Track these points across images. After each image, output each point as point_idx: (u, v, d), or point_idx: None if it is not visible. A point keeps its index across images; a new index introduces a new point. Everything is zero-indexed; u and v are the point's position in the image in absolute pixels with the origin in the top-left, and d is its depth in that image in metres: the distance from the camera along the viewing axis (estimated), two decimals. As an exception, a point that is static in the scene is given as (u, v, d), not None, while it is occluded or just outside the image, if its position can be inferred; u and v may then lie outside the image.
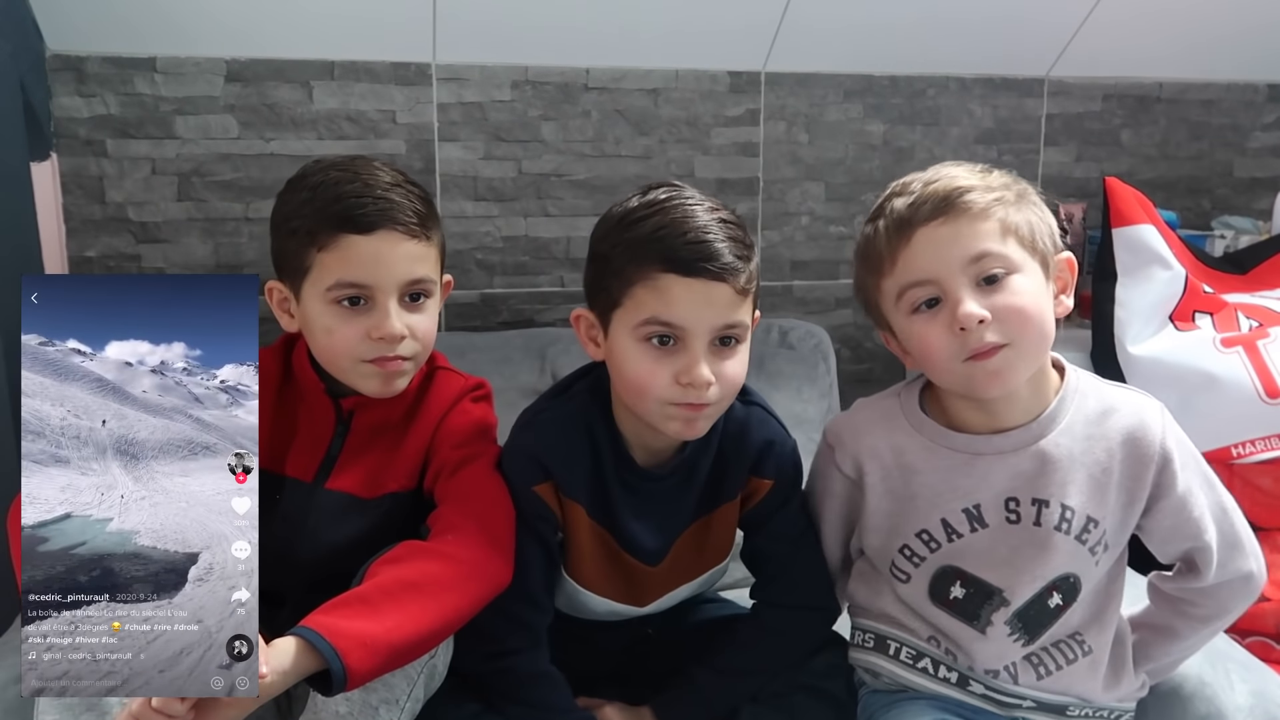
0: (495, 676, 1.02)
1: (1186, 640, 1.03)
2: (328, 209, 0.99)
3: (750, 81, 1.86)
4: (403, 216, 1.00)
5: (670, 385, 0.94)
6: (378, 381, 1.02)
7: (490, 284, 1.81)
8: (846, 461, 1.03)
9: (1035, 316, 0.92)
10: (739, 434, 1.06)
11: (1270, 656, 1.54)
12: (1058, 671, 0.99)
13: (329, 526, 1.04)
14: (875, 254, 0.96)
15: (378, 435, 1.07)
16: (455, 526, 0.97)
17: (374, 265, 0.99)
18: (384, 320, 0.99)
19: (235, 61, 1.64)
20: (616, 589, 1.08)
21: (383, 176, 1.02)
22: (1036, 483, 0.96)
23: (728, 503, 1.07)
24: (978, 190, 0.92)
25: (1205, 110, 2.13)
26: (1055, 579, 0.97)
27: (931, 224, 0.92)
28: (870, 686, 1.06)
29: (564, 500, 1.03)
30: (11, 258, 1.39)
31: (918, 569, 1.00)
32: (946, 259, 0.91)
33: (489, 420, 1.10)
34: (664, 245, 0.93)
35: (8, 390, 1.33)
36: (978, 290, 0.91)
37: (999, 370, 0.91)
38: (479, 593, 0.93)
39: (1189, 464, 0.98)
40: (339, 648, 0.82)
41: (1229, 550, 0.99)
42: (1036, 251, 0.94)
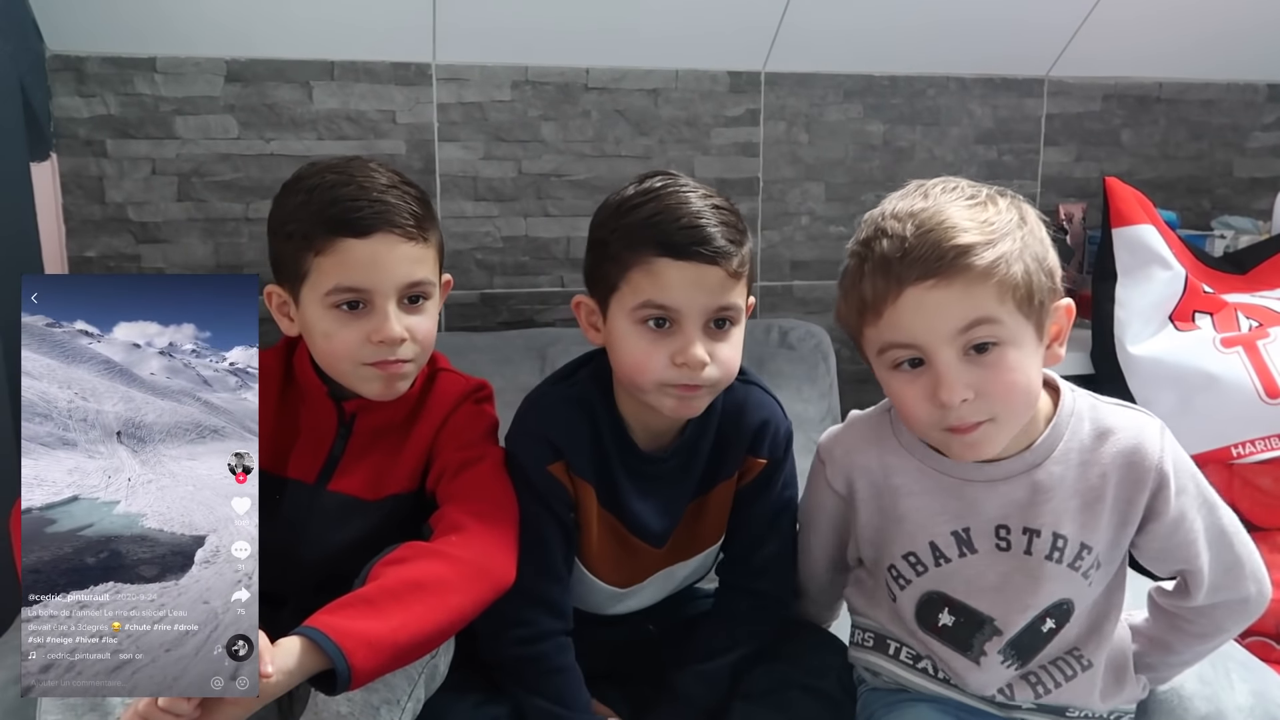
0: (526, 664, 1.02)
1: (1182, 655, 1.03)
2: (323, 213, 0.98)
3: (750, 82, 1.86)
4: (399, 219, 0.99)
5: (667, 366, 0.96)
6: (379, 384, 1.02)
7: (490, 284, 1.81)
8: (838, 478, 1.02)
9: (1022, 391, 0.87)
10: (737, 413, 1.07)
11: (1270, 656, 1.54)
12: (1056, 689, 0.98)
13: (331, 528, 1.04)
14: (859, 298, 0.89)
15: (380, 437, 1.06)
16: (459, 526, 0.96)
17: (371, 269, 0.98)
18: (383, 323, 0.99)
19: (235, 62, 1.64)
20: (620, 572, 1.10)
21: (379, 178, 1.01)
22: (1028, 512, 0.93)
23: (725, 481, 1.09)
24: (978, 245, 0.84)
25: (1205, 110, 2.13)
26: (1048, 606, 0.95)
27: (922, 285, 0.84)
28: (870, 685, 1.06)
29: (575, 480, 1.04)
30: (11, 258, 1.39)
31: (904, 591, 0.99)
32: (935, 326, 0.85)
33: (492, 421, 1.10)
34: (658, 230, 0.95)
35: (8, 390, 1.33)
36: (965, 359, 0.85)
37: (977, 443, 0.88)
38: (482, 593, 0.93)
39: (1187, 488, 0.94)
40: (344, 647, 0.82)
41: (1225, 574, 0.96)
42: (1033, 309, 0.87)
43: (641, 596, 1.14)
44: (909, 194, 0.91)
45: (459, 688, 1.02)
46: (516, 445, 1.05)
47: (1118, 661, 1.01)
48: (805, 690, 1.05)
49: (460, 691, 1.02)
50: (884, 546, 1.00)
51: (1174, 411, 1.68)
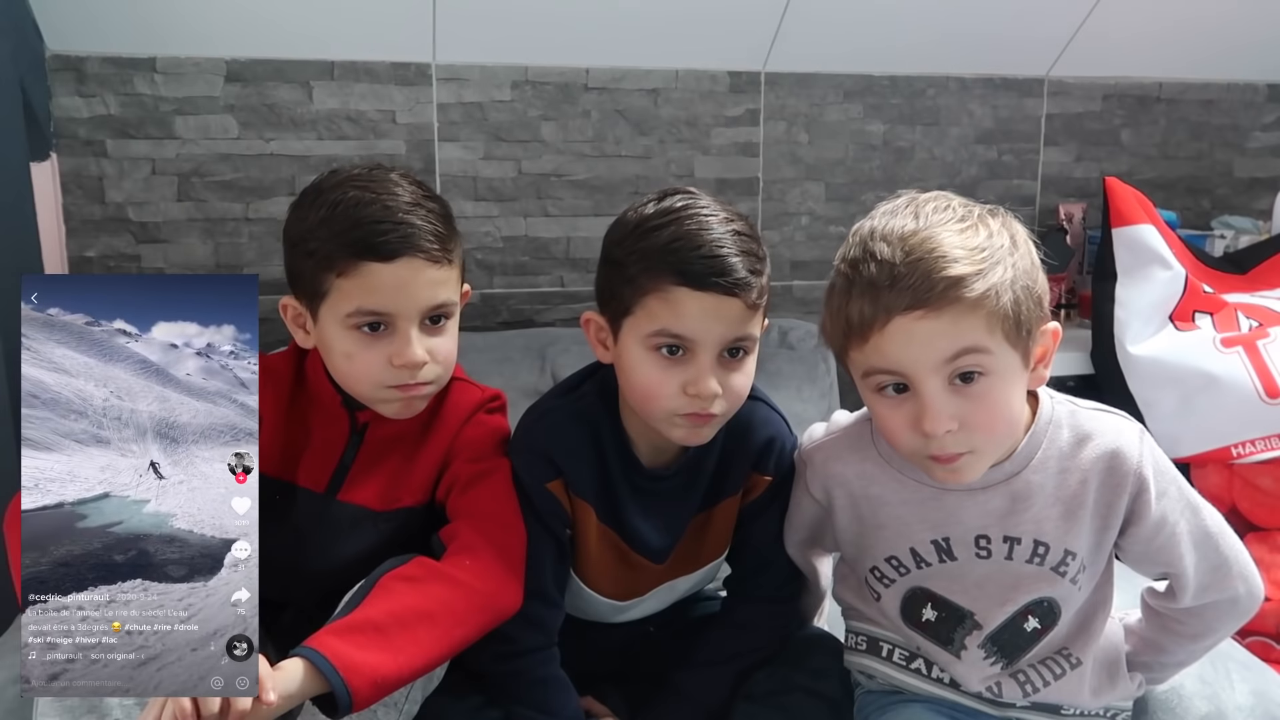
0: (507, 678, 1.02)
1: (1176, 655, 1.02)
2: (347, 235, 0.94)
3: (750, 81, 1.86)
4: (425, 242, 0.96)
5: (677, 395, 0.94)
6: (399, 406, 1.00)
7: (490, 284, 1.81)
8: (815, 484, 1.02)
9: (1005, 422, 0.87)
10: (743, 430, 1.06)
11: (1270, 656, 1.54)
12: (1045, 688, 0.98)
13: (341, 539, 1.03)
14: (845, 320, 0.87)
15: (392, 448, 1.04)
16: (471, 548, 0.95)
17: (396, 294, 0.95)
18: (405, 348, 0.96)
19: (235, 61, 1.64)
20: (619, 587, 1.09)
21: (403, 196, 0.97)
22: (1007, 520, 0.93)
23: (729, 497, 1.08)
24: (969, 277, 0.81)
25: (1205, 110, 2.13)
26: (1028, 603, 0.95)
27: (911, 315, 0.82)
28: (865, 687, 1.06)
29: (573, 499, 1.03)
30: (11, 258, 1.39)
31: (888, 589, 1.00)
32: (922, 356, 0.83)
33: (504, 433, 1.09)
34: (678, 258, 0.92)
35: (8, 390, 1.33)
36: (951, 389, 0.84)
37: (958, 470, 0.88)
38: (486, 622, 0.93)
39: (1168, 491, 0.94)
40: (350, 682, 0.81)
41: (1211, 574, 0.96)
42: (1020, 338, 0.85)
43: (643, 607, 1.13)
44: (899, 211, 0.88)
45: (457, 691, 1.02)
46: (518, 459, 1.04)
47: (1109, 659, 1.01)
48: (807, 693, 1.05)
49: (458, 695, 1.02)
50: (865, 550, 1.00)
51: (1174, 411, 1.68)
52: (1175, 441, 1.65)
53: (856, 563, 1.03)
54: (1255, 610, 0.99)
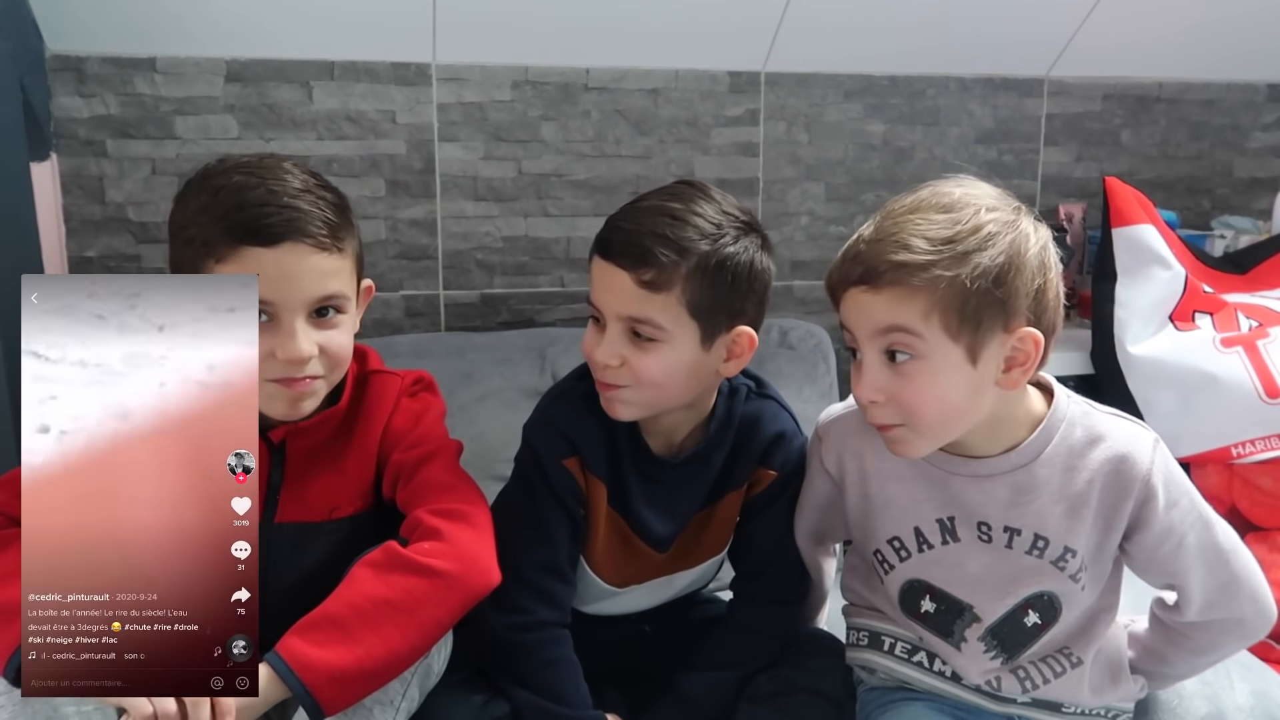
0: (518, 652, 1.02)
1: (1177, 667, 1.02)
2: (227, 218, 0.90)
3: (750, 81, 1.86)
4: (311, 227, 0.91)
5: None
6: (283, 404, 0.95)
7: (490, 284, 1.81)
8: (830, 457, 1.04)
9: (934, 407, 0.88)
10: (752, 425, 1.08)
11: (1270, 656, 1.54)
12: (1045, 685, 0.98)
13: (290, 560, 0.99)
14: (829, 279, 0.95)
15: (317, 457, 1.00)
16: (434, 532, 0.92)
17: (278, 282, 0.90)
18: (288, 341, 0.92)
19: (235, 61, 1.64)
20: (619, 572, 1.10)
21: (291, 181, 0.93)
22: (1010, 511, 0.94)
23: (733, 491, 1.09)
24: (912, 264, 0.85)
25: (1205, 110, 2.13)
26: (1028, 597, 0.95)
27: (858, 288, 0.89)
28: (867, 684, 1.06)
29: (589, 476, 1.04)
30: (11, 258, 1.39)
31: (889, 576, 1.00)
32: (862, 323, 0.90)
33: (438, 410, 1.05)
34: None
35: (8, 390, 1.33)
36: (885, 364, 0.89)
37: (895, 442, 0.92)
38: (463, 601, 0.91)
39: (1179, 502, 0.94)
40: (308, 683, 0.81)
41: (1219, 591, 0.95)
42: (964, 333, 0.86)
43: (633, 598, 1.14)
44: (917, 194, 0.91)
45: (461, 688, 1.02)
46: (535, 436, 1.05)
47: (1112, 659, 1.01)
48: (810, 693, 1.06)
49: (463, 692, 1.02)
50: (870, 530, 1.01)
51: (1174, 411, 1.68)
52: (1175, 441, 1.65)
53: (864, 547, 1.03)
54: (1265, 633, 0.98)
